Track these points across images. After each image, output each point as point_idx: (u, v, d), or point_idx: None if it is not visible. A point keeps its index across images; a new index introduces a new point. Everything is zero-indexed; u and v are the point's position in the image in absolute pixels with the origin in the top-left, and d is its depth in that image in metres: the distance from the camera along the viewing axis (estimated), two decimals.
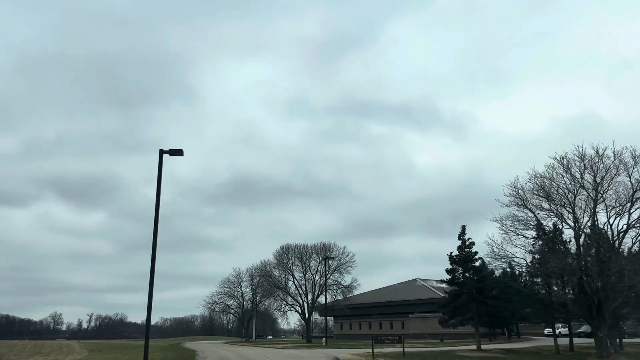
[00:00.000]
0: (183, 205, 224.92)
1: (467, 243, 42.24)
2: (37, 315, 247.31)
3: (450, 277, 42.61)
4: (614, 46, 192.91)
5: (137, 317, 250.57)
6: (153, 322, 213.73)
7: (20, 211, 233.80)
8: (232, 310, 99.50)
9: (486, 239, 31.48)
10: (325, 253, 75.36)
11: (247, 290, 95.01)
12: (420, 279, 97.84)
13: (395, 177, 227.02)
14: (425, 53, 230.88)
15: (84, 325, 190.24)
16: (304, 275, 79.17)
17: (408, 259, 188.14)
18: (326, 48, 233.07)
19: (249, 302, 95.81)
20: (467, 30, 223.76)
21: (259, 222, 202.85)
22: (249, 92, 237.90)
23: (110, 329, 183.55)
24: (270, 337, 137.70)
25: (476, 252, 41.81)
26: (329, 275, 73.33)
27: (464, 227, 42.80)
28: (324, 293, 71.55)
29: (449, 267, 42.74)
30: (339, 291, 77.55)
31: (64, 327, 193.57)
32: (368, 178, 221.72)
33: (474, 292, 39.82)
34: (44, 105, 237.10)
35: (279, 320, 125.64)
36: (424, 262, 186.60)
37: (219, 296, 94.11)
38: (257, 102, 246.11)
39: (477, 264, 41.69)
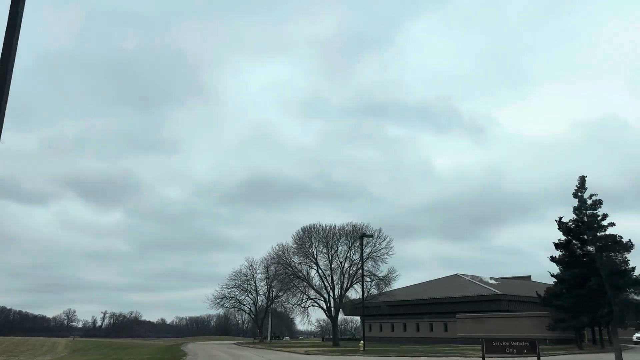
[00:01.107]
0: (199, 206, 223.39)
1: (591, 202, 27.94)
2: (54, 312, 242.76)
3: (562, 253, 28.26)
4: (637, 48, 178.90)
5: (152, 315, 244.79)
6: (169, 321, 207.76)
7: (39, 209, 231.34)
8: (246, 308, 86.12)
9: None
10: (356, 237, 61.14)
11: (262, 283, 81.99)
12: (462, 274, 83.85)
13: (412, 179, 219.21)
14: (443, 54, 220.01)
15: (98, 323, 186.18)
16: (330, 264, 64.98)
17: (424, 263, 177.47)
18: (343, 48, 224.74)
19: (263, 297, 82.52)
20: (486, 31, 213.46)
21: (275, 222, 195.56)
22: (265, 92, 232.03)
23: (124, 327, 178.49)
24: (287, 338, 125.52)
25: (606, 215, 27.49)
26: (361, 263, 58.92)
27: (583, 179, 28.46)
28: (361, 283, 56.92)
29: (561, 239, 28.50)
30: (373, 284, 63.17)
31: (79, 325, 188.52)
32: (385, 180, 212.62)
33: (608, 275, 25.45)
34: (63, 105, 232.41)
35: (297, 320, 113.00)
36: (440, 266, 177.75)
37: (229, 290, 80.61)
38: (274, 103, 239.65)
39: (607, 232, 27.40)
